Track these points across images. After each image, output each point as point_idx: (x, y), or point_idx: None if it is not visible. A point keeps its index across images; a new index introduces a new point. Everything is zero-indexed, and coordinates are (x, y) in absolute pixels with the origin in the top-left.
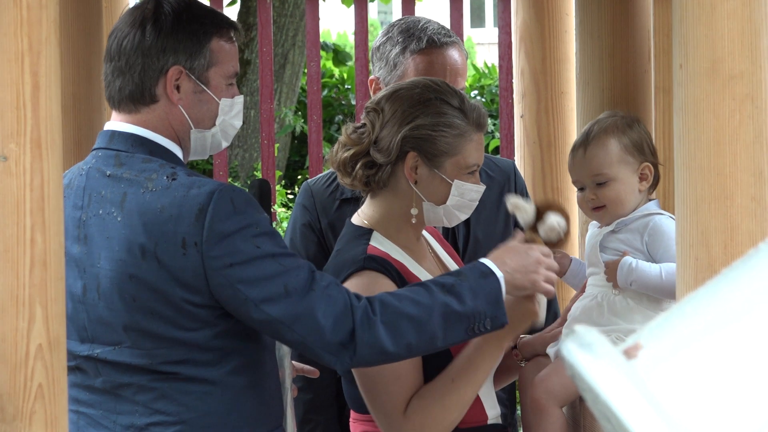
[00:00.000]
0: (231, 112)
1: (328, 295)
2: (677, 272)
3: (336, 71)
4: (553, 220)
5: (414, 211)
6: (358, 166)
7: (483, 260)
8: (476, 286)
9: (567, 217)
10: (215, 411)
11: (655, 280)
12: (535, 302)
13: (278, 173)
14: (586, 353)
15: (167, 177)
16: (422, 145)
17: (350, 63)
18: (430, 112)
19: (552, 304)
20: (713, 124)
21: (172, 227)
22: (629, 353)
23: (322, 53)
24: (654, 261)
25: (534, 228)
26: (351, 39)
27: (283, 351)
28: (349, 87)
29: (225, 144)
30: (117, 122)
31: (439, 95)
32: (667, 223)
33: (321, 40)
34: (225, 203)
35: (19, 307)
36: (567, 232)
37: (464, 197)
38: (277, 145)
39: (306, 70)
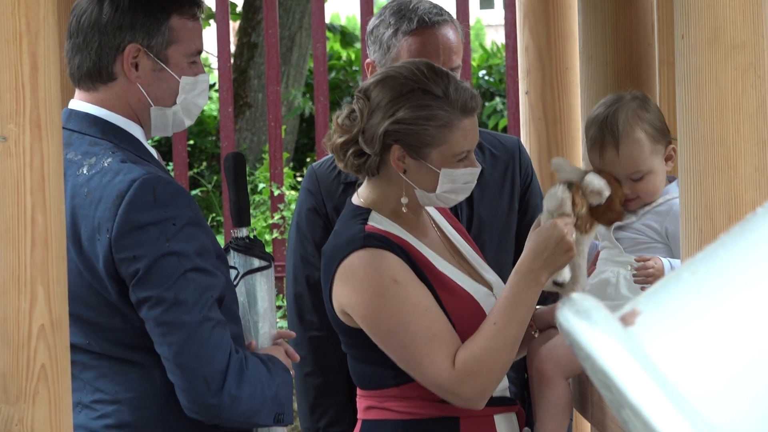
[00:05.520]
0: (194, 91)
1: (216, 330)
2: (681, 244)
3: (343, 53)
4: (593, 182)
5: (404, 200)
6: (348, 153)
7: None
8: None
9: (613, 183)
10: (150, 393)
11: None
12: (570, 232)
13: (286, 155)
14: (583, 320)
15: (103, 161)
16: (405, 138)
17: (358, 45)
18: (411, 105)
19: None
20: (716, 94)
21: (92, 211)
22: (626, 320)
23: (330, 35)
24: (671, 247)
25: (577, 189)
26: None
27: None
28: (357, 69)
29: (188, 122)
30: (77, 101)
31: (422, 85)
32: None
33: (329, 22)
34: (145, 193)
35: (21, 287)
36: (610, 198)
37: (456, 183)
38: (284, 127)
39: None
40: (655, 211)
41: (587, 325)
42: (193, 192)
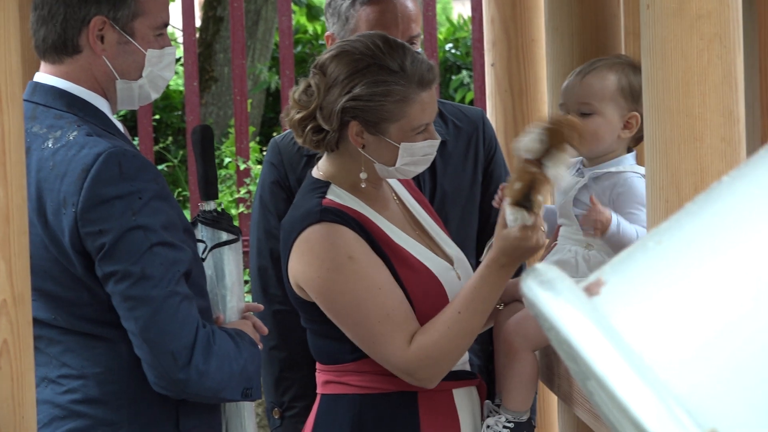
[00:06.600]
0: (160, 64)
1: (183, 304)
2: (647, 215)
3: (310, 27)
4: (553, 172)
5: (363, 176)
6: (307, 129)
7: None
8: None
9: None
10: (117, 368)
11: (631, 240)
12: (540, 236)
13: (252, 129)
14: (547, 291)
15: (69, 135)
16: (362, 114)
17: (324, 18)
18: (367, 81)
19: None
20: (681, 65)
21: (58, 185)
22: (591, 290)
23: (296, 8)
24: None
25: (539, 162)
26: None
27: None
28: (323, 43)
29: (155, 95)
30: (42, 74)
31: (377, 60)
32: (637, 183)
33: None
34: (111, 166)
35: None
36: (560, 136)
37: (415, 155)
38: (250, 101)
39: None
40: (605, 183)
41: (551, 295)
42: (160, 167)
